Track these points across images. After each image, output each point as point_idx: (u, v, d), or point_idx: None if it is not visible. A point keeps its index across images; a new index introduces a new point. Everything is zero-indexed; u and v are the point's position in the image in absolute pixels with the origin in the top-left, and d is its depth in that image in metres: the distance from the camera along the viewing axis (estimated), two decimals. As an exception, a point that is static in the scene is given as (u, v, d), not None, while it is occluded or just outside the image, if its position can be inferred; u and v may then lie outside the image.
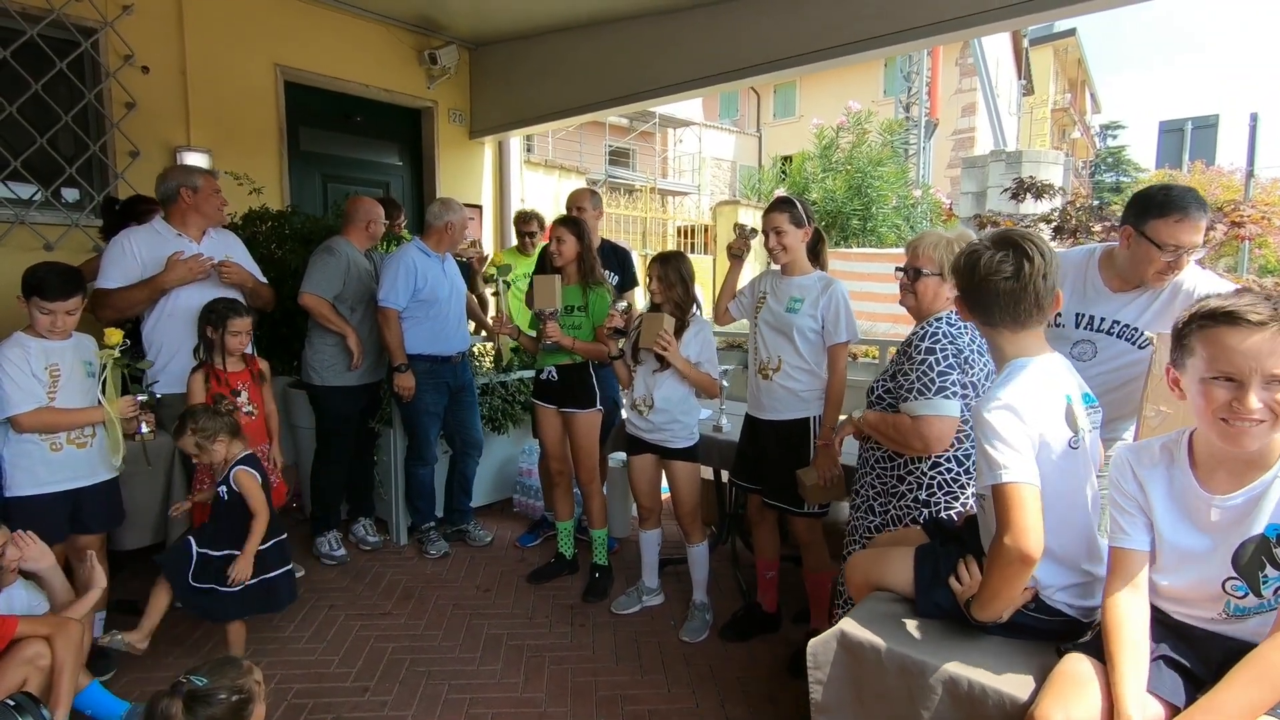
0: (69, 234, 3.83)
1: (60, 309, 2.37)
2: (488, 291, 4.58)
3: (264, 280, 3.18)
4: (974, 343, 1.93)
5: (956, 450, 1.91)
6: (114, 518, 2.64)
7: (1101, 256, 2.13)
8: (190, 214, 2.93)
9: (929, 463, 1.93)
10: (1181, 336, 1.24)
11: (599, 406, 3.19)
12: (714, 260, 9.86)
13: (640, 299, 4.73)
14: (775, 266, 2.70)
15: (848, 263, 8.74)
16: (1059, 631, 1.42)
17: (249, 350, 2.97)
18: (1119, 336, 2.08)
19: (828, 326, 2.52)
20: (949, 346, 1.88)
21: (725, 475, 3.46)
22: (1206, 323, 1.18)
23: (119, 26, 3.90)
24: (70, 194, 3.96)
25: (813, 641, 1.52)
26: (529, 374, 4.14)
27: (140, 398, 2.62)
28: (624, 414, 3.11)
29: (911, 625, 1.49)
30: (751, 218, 9.62)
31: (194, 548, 2.50)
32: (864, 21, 3.62)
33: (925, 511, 1.93)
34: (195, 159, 4.17)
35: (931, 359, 1.86)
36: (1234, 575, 1.23)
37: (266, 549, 2.57)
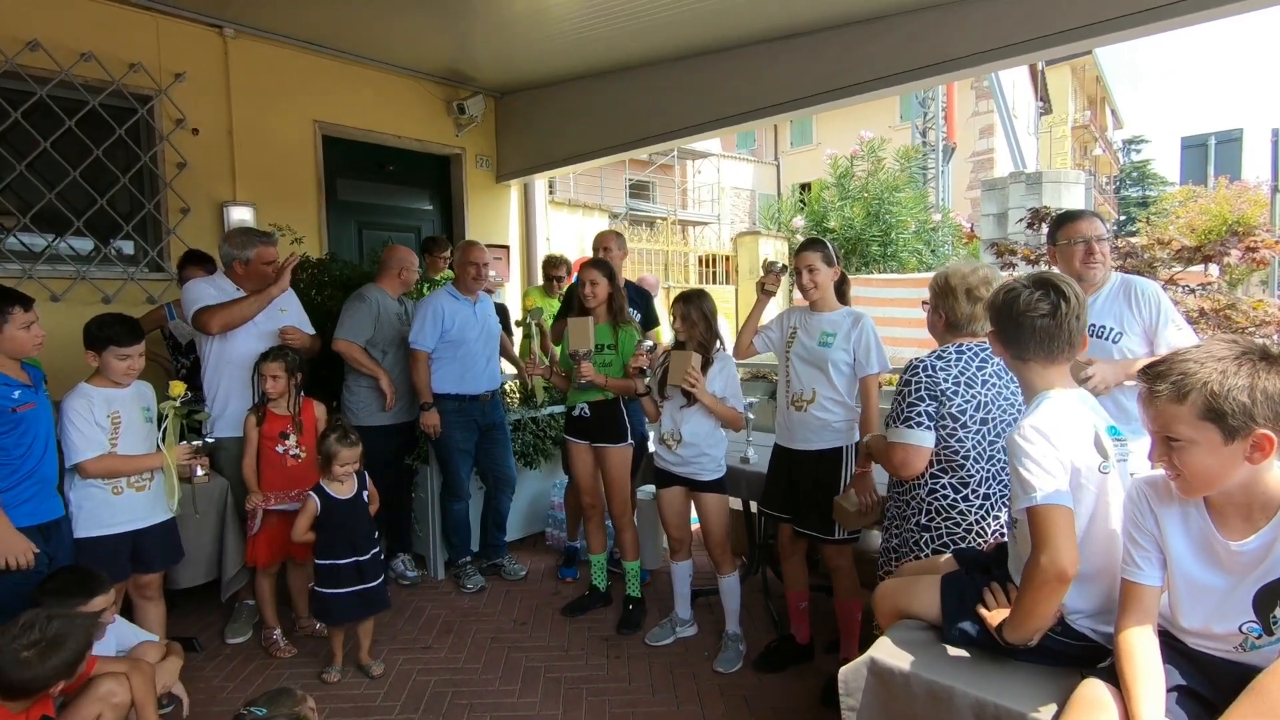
0: (125, 288, 4.06)
1: (135, 352, 2.57)
2: (519, 334, 4.73)
3: (312, 331, 3.37)
4: (963, 375, 1.97)
5: (952, 478, 1.97)
6: (172, 556, 2.79)
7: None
8: (243, 282, 3.13)
9: (926, 489, 2.01)
10: None
11: (630, 441, 3.29)
12: (736, 290, 9.98)
13: (664, 335, 4.85)
14: (803, 302, 2.81)
15: (869, 288, 8.80)
16: (1083, 656, 1.47)
17: (299, 395, 3.11)
18: (1095, 336, 2.26)
19: (859, 359, 2.63)
20: (924, 378, 1.97)
21: (754, 506, 3.51)
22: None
23: (172, 93, 4.17)
24: (126, 248, 4.20)
25: (844, 669, 1.59)
26: (559, 409, 4.26)
27: (195, 443, 2.78)
28: (651, 448, 3.20)
29: (940, 652, 1.55)
30: (772, 248, 9.74)
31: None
32: (880, 61, 3.75)
33: (926, 536, 2.00)
34: (240, 213, 4.41)
35: (905, 389, 1.99)
36: (1253, 618, 1.27)
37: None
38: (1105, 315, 2.32)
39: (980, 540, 1.94)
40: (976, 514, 1.95)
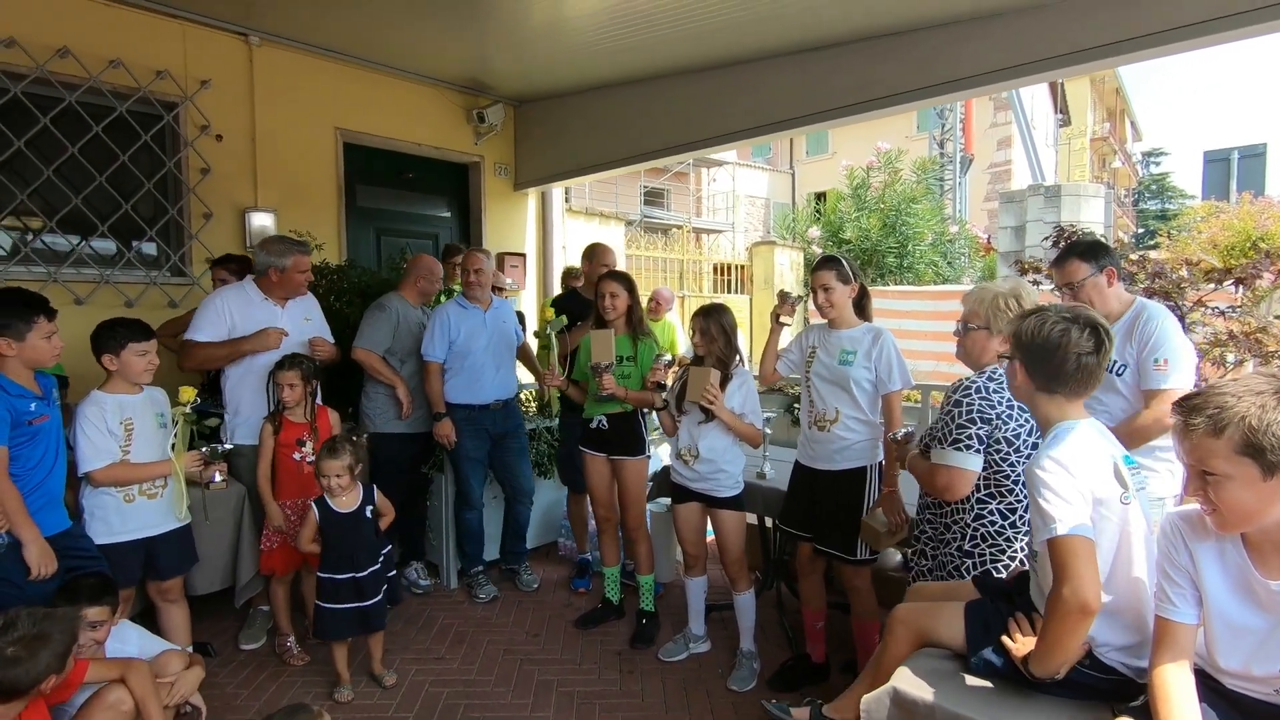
0: (147, 292, 4.10)
1: (152, 348, 2.59)
2: (534, 344, 4.74)
3: (332, 340, 3.39)
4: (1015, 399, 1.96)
5: (999, 503, 1.94)
6: (186, 562, 2.79)
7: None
8: (275, 289, 3.15)
9: (972, 514, 1.96)
10: None
11: (647, 454, 3.28)
12: (750, 300, 9.95)
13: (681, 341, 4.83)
14: (821, 321, 2.78)
15: (885, 300, 8.75)
16: (1112, 691, 1.44)
17: (317, 402, 3.13)
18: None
19: (881, 376, 2.59)
20: (977, 400, 1.93)
21: (770, 521, 3.49)
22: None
23: (197, 100, 4.22)
24: (149, 252, 4.25)
25: (866, 698, 1.56)
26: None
27: (203, 450, 2.78)
28: (666, 461, 3.19)
29: (964, 682, 1.52)
30: (787, 258, 9.71)
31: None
32: (900, 77, 3.73)
33: (969, 562, 1.96)
34: (262, 219, 4.45)
35: (957, 410, 1.94)
36: None
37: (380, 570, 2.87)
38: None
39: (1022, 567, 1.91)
40: (1022, 540, 1.92)
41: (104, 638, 2.14)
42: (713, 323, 2.88)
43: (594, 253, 4.03)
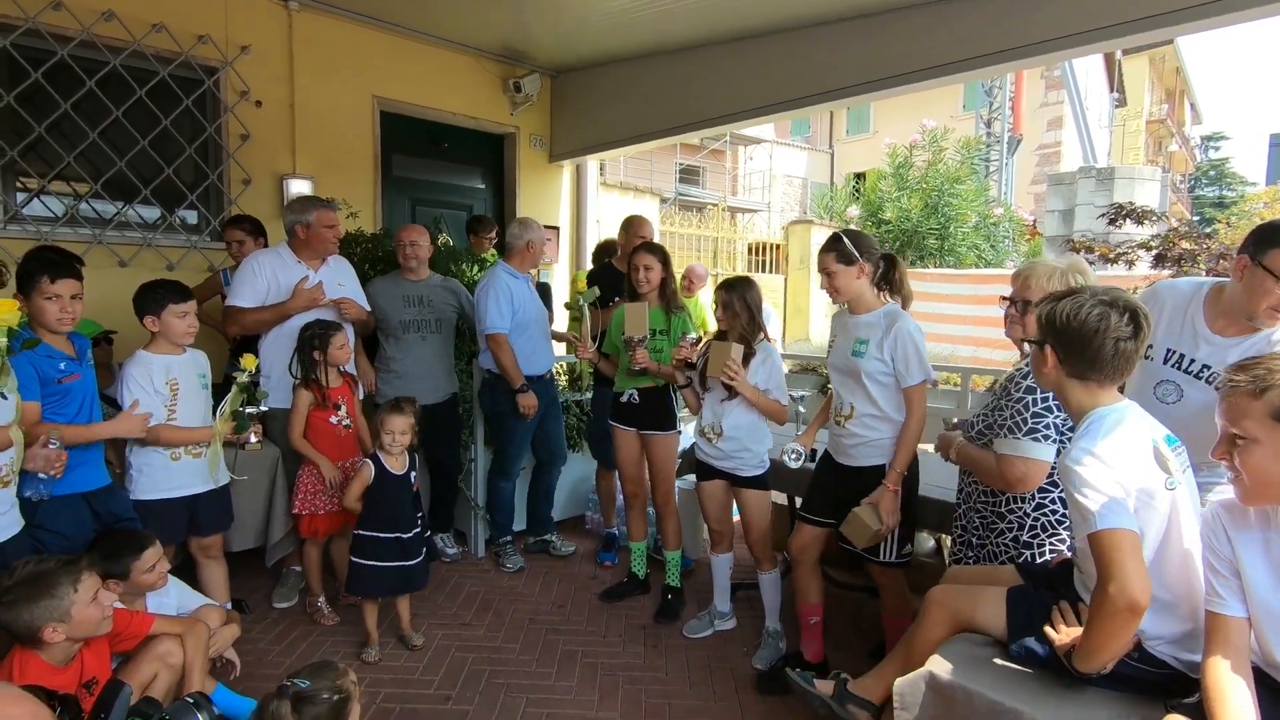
0: (188, 255, 4.16)
1: (192, 309, 2.62)
2: (565, 316, 4.72)
3: (369, 309, 3.41)
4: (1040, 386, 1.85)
5: (1061, 491, 1.85)
6: (224, 520, 2.85)
7: (1209, 293, 2.00)
8: (303, 247, 3.17)
9: (1033, 503, 1.88)
10: None
11: (678, 429, 3.24)
12: (785, 280, 9.79)
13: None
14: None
15: (924, 283, 8.54)
16: (1162, 684, 1.37)
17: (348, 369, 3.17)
18: (1207, 382, 1.94)
19: (898, 368, 2.34)
20: None
21: (799, 502, 3.43)
22: None
23: (237, 65, 4.23)
24: (189, 217, 4.31)
25: (899, 681, 1.51)
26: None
27: (250, 410, 2.83)
28: (691, 438, 3.14)
29: (1004, 670, 1.46)
30: (824, 237, 9.49)
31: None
32: (949, 46, 3.57)
33: (1026, 554, 1.88)
34: (299, 186, 4.47)
35: (1029, 399, 1.82)
36: None
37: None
38: (1226, 357, 1.93)
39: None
40: None
41: (161, 578, 2.19)
42: (736, 296, 2.78)
43: (630, 224, 3.97)
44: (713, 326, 4.66)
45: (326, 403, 3.07)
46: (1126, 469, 1.34)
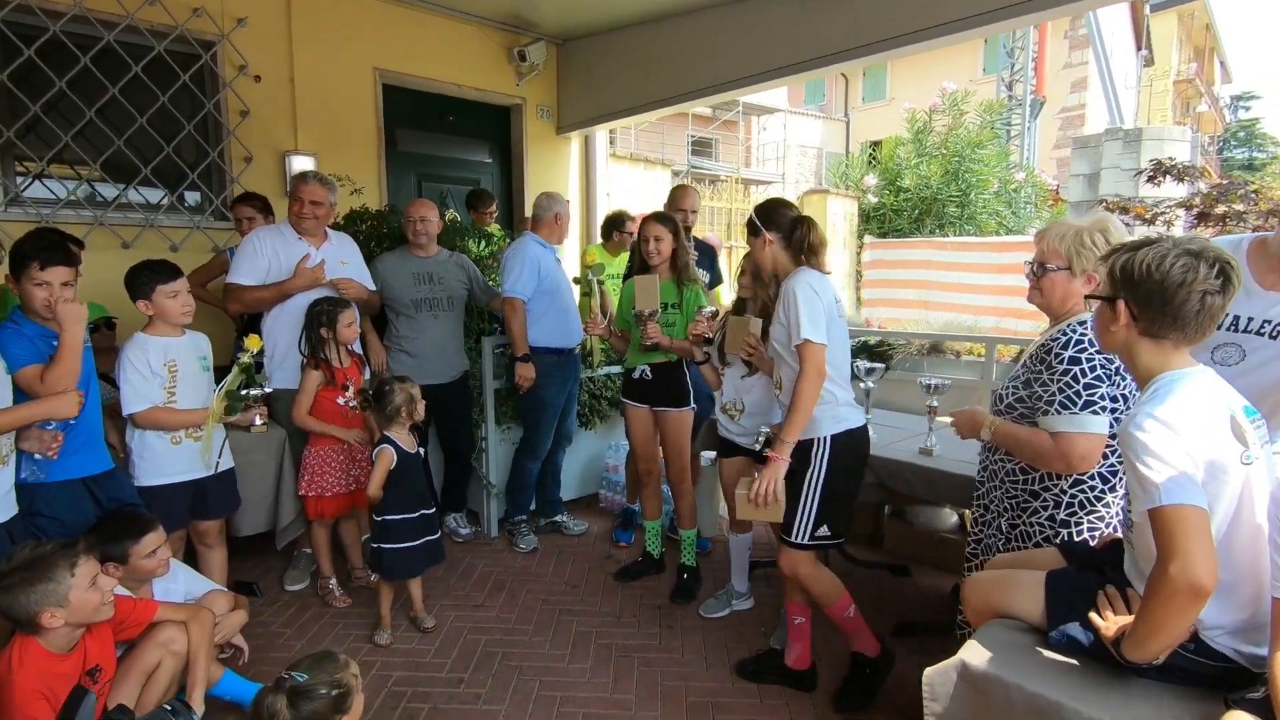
0: (191, 236, 4.10)
1: (182, 287, 2.55)
2: (578, 292, 4.62)
3: (374, 288, 3.32)
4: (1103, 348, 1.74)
5: (1102, 466, 1.73)
6: (230, 504, 2.80)
7: (1252, 247, 1.88)
8: (299, 222, 3.08)
9: (1069, 479, 1.75)
10: None
11: (692, 405, 3.14)
12: (800, 251, 9.60)
13: (726, 295, 4.64)
14: None
15: (943, 252, 8.31)
16: (1220, 679, 1.26)
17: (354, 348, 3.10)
18: (1271, 336, 1.83)
19: (791, 333, 2.21)
20: (1096, 356, 1.69)
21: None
22: None
23: (234, 39, 4.12)
24: (191, 197, 4.24)
25: (929, 671, 1.42)
26: (616, 370, 4.14)
27: (253, 392, 2.77)
28: (716, 413, 3.04)
29: (1043, 659, 1.36)
30: (841, 208, 9.29)
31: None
32: (967, -2, 3.36)
33: (1064, 533, 1.76)
34: (302, 162, 4.38)
35: (1076, 369, 1.68)
36: None
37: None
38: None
39: (1110, 533, 1.71)
40: (1119, 505, 1.72)
41: (162, 565, 2.15)
42: None
43: (675, 196, 3.81)
44: (726, 299, 4.54)
45: (335, 381, 3.01)
46: (1197, 438, 1.22)
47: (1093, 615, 1.35)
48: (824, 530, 2.26)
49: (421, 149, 5.33)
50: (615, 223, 4.39)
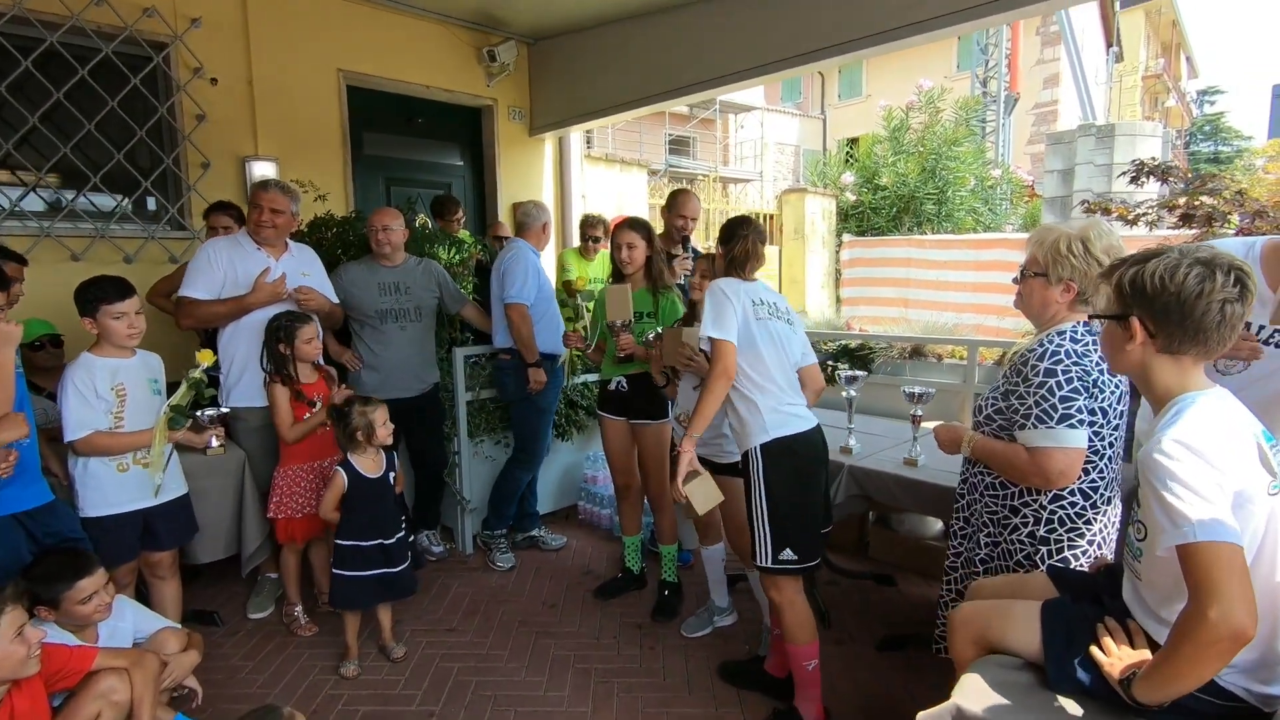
0: (146, 246, 3.91)
1: (130, 309, 2.39)
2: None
3: (336, 300, 3.17)
4: (1104, 360, 1.67)
5: (1082, 482, 1.67)
6: (186, 532, 2.66)
7: (1265, 252, 1.80)
8: (255, 231, 2.94)
9: (1049, 495, 1.69)
10: None
11: (669, 417, 3.04)
12: (779, 251, 9.54)
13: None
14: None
15: (922, 250, 8.29)
16: (1228, 719, 1.19)
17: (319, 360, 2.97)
18: (1278, 346, 1.77)
19: (701, 332, 2.19)
20: (1073, 368, 1.62)
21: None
22: None
23: (188, 40, 3.95)
24: (147, 205, 4.06)
25: (922, 715, 1.33)
26: (593, 377, 4.03)
27: (209, 412, 2.63)
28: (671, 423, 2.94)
29: (1043, 702, 1.28)
30: (819, 207, 9.25)
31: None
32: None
33: (1043, 549, 1.70)
34: (263, 168, 4.21)
35: (1052, 382, 1.62)
36: None
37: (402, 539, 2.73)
38: None
39: (1099, 553, 1.64)
40: (1100, 522, 1.66)
41: (101, 610, 1.99)
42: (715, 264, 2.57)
43: (674, 202, 3.72)
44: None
45: (301, 398, 2.87)
46: (1226, 466, 1.14)
47: (1094, 651, 1.27)
48: (787, 554, 2.11)
49: (389, 152, 5.17)
50: (586, 225, 4.31)
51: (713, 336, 2.11)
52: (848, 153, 12.22)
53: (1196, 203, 3.57)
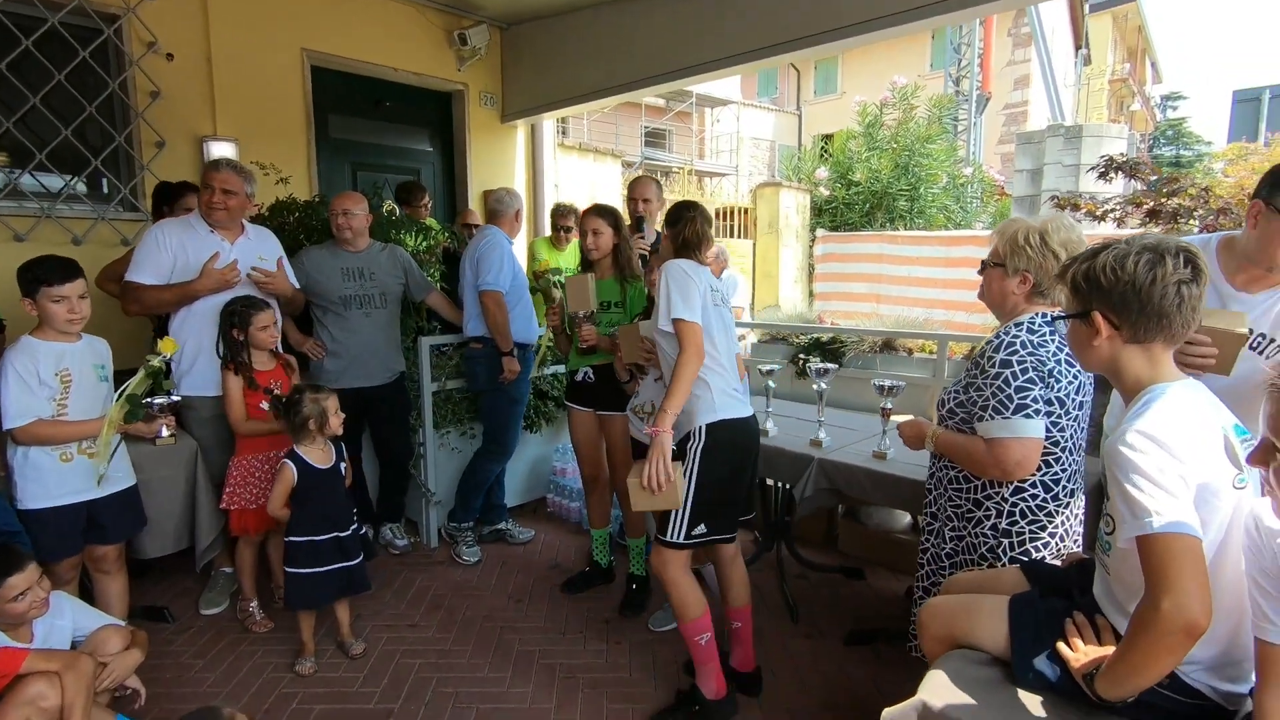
0: (96, 228, 3.75)
1: (73, 292, 2.27)
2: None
3: (297, 286, 3.07)
4: (1060, 351, 1.67)
5: (1044, 474, 1.67)
6: (133, 526, 2.55)
7: (1220, 246, 1.82)
8: (208, 214, 2.82)
9: (1010, 488, 1.68)
10: None
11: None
12: (753, 245, 9.53)
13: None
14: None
15: (895, 246, 8.33)
16: (1195, 717, 1.18)
17: (277, 347, 2.88)
18: (1249, 347, 1.77)
19: (663, 312, 2.13)
20: (1028, 358, 1.63)
21: (770, 480, 3.25)
22: None
23: (141, 12, 3.78)
24: (101, 186, 3.89)
25: (888, 712, 1.31)
26: (560, 369, 3.97)
27: (159, 400, 2.52)
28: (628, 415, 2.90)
29: (1009, 698, 1.26)
30: (793, 200, 9.26)
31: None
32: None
33: (1005, 542, 1.70)
34: (221, 149, 4.06)
35: (1008, 372, 1.62)
36: None
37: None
38: (1268, 318, 1.77)
39: (1064, 546, 1.64)
40: (1062, 513, 1.65)
41: (36, 607, 1.88)
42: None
43: (629, 185, 3.67)
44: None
45: (255, 386, 2.77)
46: (1191, 459, 1.13)
47: (1060, 646, 1.26)
48: (701, 529, 2.13)
49: (355, 136, 5.03)
50: (557, 214, 4.24)
51: (684, 319, 2.07)
52: (823, 148, 12.25)
53: (1163, 199, 3.62)
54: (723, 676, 2.27)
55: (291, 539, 2.50)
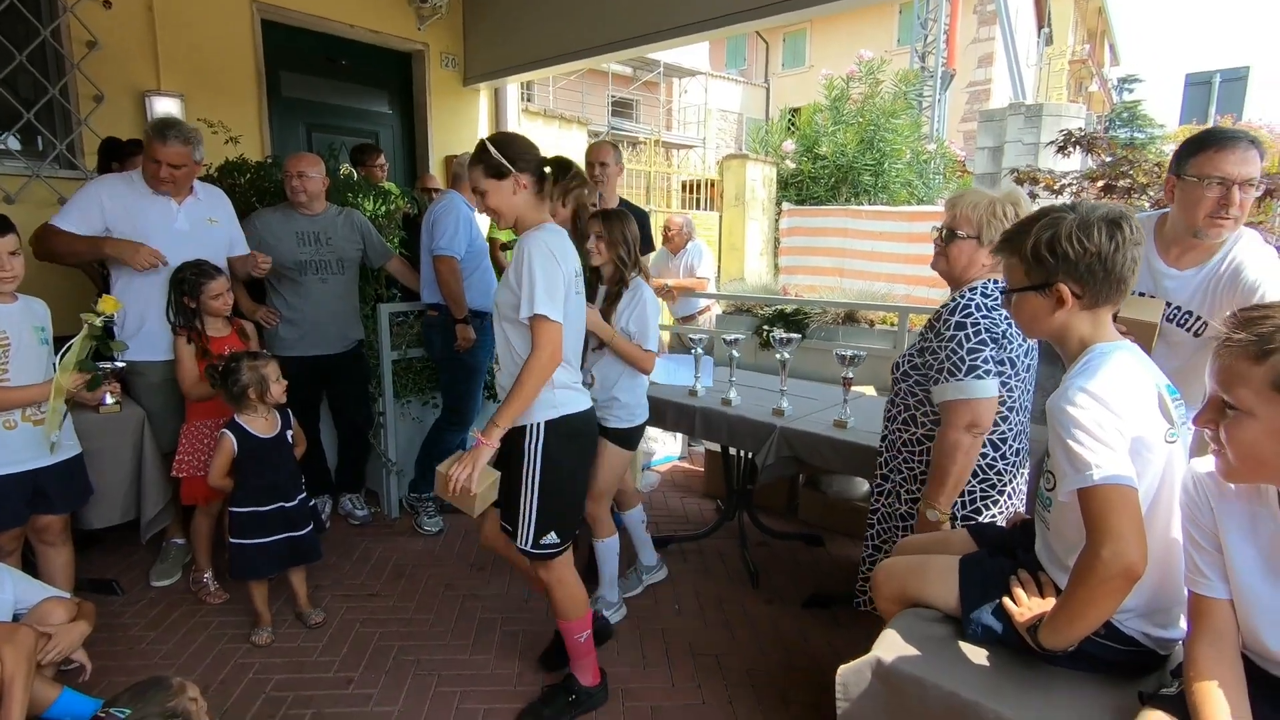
0: (29, 185, 3.56)
1: (3, 249, 2.15)
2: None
3: (248, 250, 2.97)
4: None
5: (992, 433, 1.72)
6: (79, 496, 2.46)
7: (1155, 226, 1.92)
8: (148, 179, 2.68)
9: None
10: None
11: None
12: (720, 217, 9.52)
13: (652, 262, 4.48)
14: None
15: (859, 220, 8.41)
16: (1130, 664, 1.24)
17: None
18: (1177, 324, 1.85)
19: (523, 301, 1.81)
20: (981, 320, 1.68)
21: (734, 450, 3.28)
22: None
23: (75, -45, 3.56)
24: (33, 142, 3.68)
25: (843, 669, 1.34)
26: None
27: (104, 366, 2.43)
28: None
29: (958, 653, 1.31)
30: (760, 173, 9.24)
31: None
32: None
33: (958, 500, 1.75)
34: (166, 105, 3.88)
35: (961, 335, 1.68)
36: None
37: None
38: (1196, 295, 1.80)
39: (1013, 504, 1.69)
40: (1010, 473, 1.72)
41: None
42: (614, 228, 2.48)
43: (587, 151, 3.60)
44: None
45: (208, 355, 2.68)
46: (1129, 414, 1.18)
47: (1006, 601, 1.30)
48: (551, 538, 1.98)
49: (310, 95, 4.85)
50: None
51: (547, 316, 1.78)
52: (790, 121, 12.24)
53: (1117, 175, 3.71)
54: (598, 667, 2.23)
55: (235, 509, 2.44)
